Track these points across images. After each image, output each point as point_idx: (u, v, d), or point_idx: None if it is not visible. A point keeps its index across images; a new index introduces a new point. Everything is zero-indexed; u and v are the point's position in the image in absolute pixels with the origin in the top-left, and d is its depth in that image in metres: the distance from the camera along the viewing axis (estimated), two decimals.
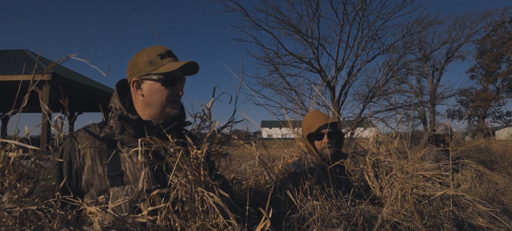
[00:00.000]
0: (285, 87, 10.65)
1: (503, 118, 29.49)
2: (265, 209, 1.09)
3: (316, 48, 10.29)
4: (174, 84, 1.45)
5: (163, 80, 1.41)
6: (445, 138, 4.31)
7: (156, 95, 1.43)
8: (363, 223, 1.69)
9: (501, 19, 28.83)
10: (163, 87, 1.42)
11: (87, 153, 1.35)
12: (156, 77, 1.41)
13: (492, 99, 28.05)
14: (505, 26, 29.12)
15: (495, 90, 29.21)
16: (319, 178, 1.93)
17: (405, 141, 2.70)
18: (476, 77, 30.81)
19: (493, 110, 29.37)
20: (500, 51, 28.32)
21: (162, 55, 1.43)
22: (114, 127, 1.41)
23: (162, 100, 1.44)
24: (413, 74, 16.97)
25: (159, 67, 1.41)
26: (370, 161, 2.30)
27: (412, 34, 10.84)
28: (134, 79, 1.44)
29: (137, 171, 1.33)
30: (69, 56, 0.92)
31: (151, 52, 1.44)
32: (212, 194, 1.14)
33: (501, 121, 29.43)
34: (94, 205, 0.94)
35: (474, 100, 28.21)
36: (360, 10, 9.38)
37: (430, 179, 2.20)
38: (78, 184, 1.32)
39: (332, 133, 2.27)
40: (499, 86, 29.25)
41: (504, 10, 28.61)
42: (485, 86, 29.21)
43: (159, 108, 1.45)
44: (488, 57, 28.96)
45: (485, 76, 29.60)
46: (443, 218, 1.98)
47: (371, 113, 10.12)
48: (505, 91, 28.99)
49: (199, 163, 1.20)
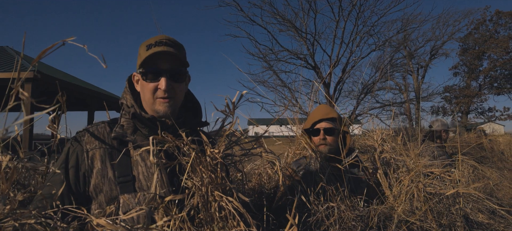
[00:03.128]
0: (279, 84, 10.60)
1: (485, 114, 30.13)
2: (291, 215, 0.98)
3: (311, 44, 10.28)
4: (156, 77, 1.25)
5: (143, 73, 1.25)
6: (441, 134, 4.29)
7: (143, 91, 1.29)
8: (378, 223, 1.61)
9: (482, 18, 29.52)
10: (144, 82, 1.26)
11: (97, 154, 1.20)
12: (138, 71, 1.27)
13: (474, 95, 28.64)
14: (486, 24, 29.83)
15: (478, 87, 29.80)
16: (329, 177, 1.84)
17: (405, 137, 2.65)
18: (459, 74, 31.43)
19: (476, 107, 30.00)
20: (481, 49, 28.93)
21: (149, 45, 1.24)
22: (126, 126, 1.27)
23: (148, 97, 1.27)
24: (400, 72, 17.18)
25: (142, 59, 1.24)
26: (378, 159, 2.22)
27: (406, 31, 10.92)
28: (134, 74, 1.33)
29: (152, 176, 1.19)
30: (66, 40, 0.78)
31: (144, 43, 1.28)
32: (231, 199, 1.01)
33: (483, 116, 30.08)
34: (102, 216, 0.81)
35: (457, 96, 28.73)
36: (356, 5, 9.39)
37: (439, 177, 2.15)
38: (85, 189, 1.17)
39: (331, 129, 2.16)
40: (481, 83, 29.87)
41: (485, 9, 29.28)
42: (468, 83, 29.80)
43: (149, 106, 1.29)
44: (471, 54, 29.57)
45: (468, 73, 30.21)
46: (455, 216, 1.92)
47: (366, 110, 10.16)
48: (487, 88, 29.63)
49: (216, 163, 1.08)
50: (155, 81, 1.25)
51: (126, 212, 1.08)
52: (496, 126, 26.17)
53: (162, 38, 1.27)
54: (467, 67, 30.41)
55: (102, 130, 1.27)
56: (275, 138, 2.21)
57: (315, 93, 3.74)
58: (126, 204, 1.12)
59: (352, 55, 10.41)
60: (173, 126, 1.26)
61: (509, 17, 28.69)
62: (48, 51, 0.75)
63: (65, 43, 0.77)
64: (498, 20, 29.34)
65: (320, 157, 2.12)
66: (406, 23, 10.96)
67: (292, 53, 10.58)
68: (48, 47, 0.75)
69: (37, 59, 0.73)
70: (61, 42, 0.77)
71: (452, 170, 2.21)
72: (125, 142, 1.25)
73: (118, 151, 1.22)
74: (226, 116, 1.28)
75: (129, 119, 1.28)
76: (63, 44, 0.76)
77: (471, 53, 29.61)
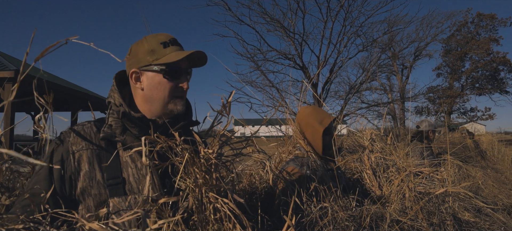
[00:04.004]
0: (267, 85, 10.59)
1: (467, 114, 30.81)
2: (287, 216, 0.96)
3: (300, 44, 10.31)
4: (178, 76, 1.25)
5: (166, 71, 1.21)
6: (429, 134, 4.34)
7: (157, 89, 1.23)
8: (371, 223, 1.61)
9: (464, 20, 30.23)
10: (165, 80, 1.22)
11: (84, 155, 1.14)
12: (158, 68, 1.21)
13: (457, 96, 29.25)
14: (468, 26, 30.55)
15: (460, 88, 30.44)
16: (323, 177, 1.83)
17: (393, 137, 2.66)
18: (442, 75, 32.07)
19: (458, 107, 30.65)
20: (464, 50, 29.60)
21: (165, 43, 1.23)
22: (114, 126, 1.21)
23: (164, 95, 1.24)
24: (385, 72, 17.41)
25: (161, 57, 1.21)
26: (368, 159, 2.23)
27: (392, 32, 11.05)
28: (132, 71, 1.25)
29: (142, 178, 1.15)
30: (69, 39, 0.74)
31: (153, 40, 1.24)
32: (226, 200, 0.99)
33: (466, 116, 30.75)
34: (94, 220, 0.77)
35: (440, 97, 29.28)
36: (344, 6, 9.46)
37: (428, 176, 2.17)
38: (72, 192, 1.11)
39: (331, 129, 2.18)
40: (464, 84, 30.54)
41: (467, 11, 29.99)
42: (451, 83, 30.42)
43: (161, 105, 1.25)
44: (453, 55, 30.25)
45: (451, 74, 30.86)
46: (444, 215, 1.94)
47: (354, 110, 10.24)
48: (469, 89, 30.31)
49: (210, 164, 1.05)
50: (176, 80, 1.25)
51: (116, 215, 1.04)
52: (478, 126, 26.73)
53: (171, 36, 1.27)
54: (450, 68, 31.09)
55: (89, 130, 1.22)
56: (266, 138, 2.19)
57: (303, 94, 3.76)
58: (116, 207, 1.07)
59: (339, 55, 10.50)
60: (163, 125, 1.23)
61: (489, 19, 29.44)
62: (50, 48, 0.71)
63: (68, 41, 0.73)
64: (479, 22, 30.09)
65: (318, 157, 2.13)
66: (392, 24, 11.10)
67: (280, 53, 10.60)
68: (52, 45, 0.71)
69: (40, 57, 0.70)
70: (63, 40, 0.73)
71: (442, 169, 2.23)
72: (114, 142, 1.21)
73: (106, 151, 1.18)
74: (221, 115, 1.25)
75: (118, 119, 1.23)
76: (66, 42, 0.73)
77: (453, 55, 30.29)
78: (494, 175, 5.16)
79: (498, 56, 28.77)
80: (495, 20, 29.37)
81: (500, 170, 6.44)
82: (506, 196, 3.96)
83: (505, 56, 28.58)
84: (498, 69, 29.49)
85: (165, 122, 1.22)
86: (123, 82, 1.34)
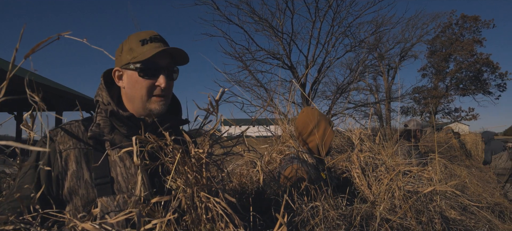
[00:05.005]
0: (255, 84, 10.58)
1: (451, 114, 31.34)
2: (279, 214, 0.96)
3: (288, 44, 10.33)
4: (155, 74, 1.21)
5: (140, 69, 1.19)
6: (416, 133, 4.40)
7: (135, 87, 1.21)
8: (361, 222, 1.62)
9: (449, 21, 30.72)
10: (141, 78, 1.20)
11: (71, 155, 1.12)
12: (133, 67, 1.19)
13: (441, 96, 29.70)
14: (452, 27, 31.06)
15: (445, 88, 30.94)
16: (315, 176, 1.85)
17: (381, 137, 2.69)
18: (427, 75, 32.52)
19: (443, 107, 31.14)
20: (448, 51, 30.10)
21: (144, 40, 1.20)
22: (102, 125, 1.20)
23: (141, 94, 1.21)
24: (371, 73, 17.58)
25: (137, 55, 1.19)
26: (357, 159, 2.25)
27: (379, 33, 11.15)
28: (115, 69, 1.25)
29: (131, 177, 1.13)
30: (61, 34, 0.72)
31: (134, 38, 1.22)
32: (218, 200, 0.98)
33: (450, 116, 31.27)
34: (87, 220, 0.75)
35: (426, 97, 29.69)
36: (332, 6, 9.51)
37: (415, 175, 2.19)
38: (59, 192, 1.09)
39: None
40: (448, 84, 31.05)
41: (451, 13, 30.47)
42: (436, 84, 30.88)
43: (140, 104, 1.22)
44: (438, 56, 30.71)
45: (436, 74, 31.33)
46: (433, 214, 1.96)
47: (341, 110, 10.30)
48: (453, 89, 30.83)
49: (201, 164, 1.04)
50: (152, 79, 1.21)
51: (103, 216, 1.03)
52: (462, 126, 27.22)
53: (154, 33, 1.24)
54: (435, 69, 31.55)
55: (76, 129, 1.20)
56: (255, 138, 2.19)
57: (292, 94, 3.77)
58: (104, 207, 1.06)
59: (327, 55, 10.57)
60: (153, 124, 1.22)
61: (473, 21, 29.99)
62: (42, 44, 0.69)
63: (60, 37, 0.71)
64: (463, 24, 30.61)
65: (310, 156, 2.14)
66: (379, 25, 11.21)
67: (268, 53, 10.62)
68: (43, 41, 0.69)
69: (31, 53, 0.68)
70: (55, 36, 0.71)
71: (429, 168, 2.26)
72: (102, 141, 1.19)
73: (95, 150, 1.16)
74: (209, 114, 1.25)
75: (106, 117, 1.21)
76: (58, 38, 0.71)
77: (438, 56, 30.76)
78: (478, 174, 5.26)
79: (481, 57, 29.37)
80: (479, 22, 29.95)
81: (484, 169, 6.57)
82: (490, 194, 4.05)
83: (488, 57, 29.19)
84: (482, 71, 30.08)
85: (155, 120, 1.21)
86: (112, 80, 1.32)
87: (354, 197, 1.85)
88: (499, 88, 30.27)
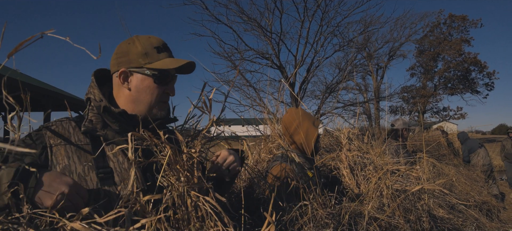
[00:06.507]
0: (244, 84, 10.57)
1: (440, 113, 31.65)
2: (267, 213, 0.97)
3: (277, 43, 10.34)
4: (167, 83, 1.28)
5: (157, 77, 1.24)
6: (403, 132, 4.44)
7: (145, 92, 1.25)
8: (349, 220, 1.64)
9: (437, 21, 30.97)
10: (155, 85, 1.25)
11: (62, 150, 1.11)
12: (150, 73, 1.23)
13: (430, 95, 29.96)
14: (440, 27, 31.34)
15: (433, 87, 31.23)
16: (301, 175, 1.86)
17: (370, 136, 2.72)
18: (416, 75, 32.80)
19: (431, 106, 31.43)
20: (436, 51, 30.36)
21: (158, 48, 1.25)
22: (95, 121, 1.21)
23: (151, 99, 1.26)
24: (360, 72, 17.69)
25: (154, 61, 1.23)
26: (346, 158, 2.27)
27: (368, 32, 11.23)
28: (122, 70, 1.24)
29: (124, 172, 1.14)
30: (45, 32, 0.72)
31: (147, 42, 1.25)
32: (208, 199, 0.99)
33: (438, 116, 31.58)
34: (76, 220, 0.75)
35: (414, 97, 29.92)
36: (320, 5, 9.55)
37: (403, 174, 2.22)
38: None
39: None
40: (436, 84, 31.36)
41: (439, 12, 30.77)
42: (424, 83, 31.16)
43: (146, 107, 1.27)
44: (426, 56, 30.96)
45: (424, 74, 31.61)
46: (420, 212, 1.99)
47: (331, 109, 10.35)
48: (442, 88, 31.14)
49: (192, 163, 1.05)
50: (164, 86, 1.28)
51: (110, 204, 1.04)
52: (450, 125, 27.53)
53: (163, 41, 1.30)
54: (423, 68, 31.82)
55: (67, 125, 1.20)
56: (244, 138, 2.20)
57: (281, 93, 3.78)
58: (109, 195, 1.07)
59: (316, 55, 10.63)
60: (143, 121, 1.25)
61: (461, 20, 30.31)
62: (25, 43, 0.69)
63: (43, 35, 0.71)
64: (451, 23, 30.91)
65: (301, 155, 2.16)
66: (368, 25, 11.29)
67: (257, 52, 10.63)
68: (26, 39, 0.69)
69: (14, 52, 0.68)
70: (39, 34, 0.71)
71: (417, 167, 2.29)
72: (95, 136, 1.20)
73: (87, 145, 1.16)
74: (202, 113, 1.26)
75: (98, 114, 1.22)
76: (42, 36, 0.71)
77: (426, 55, 31.00)
78: (466, 172, 5.32)
79: (469, 57, 29.70)
80: (467, 21, 30.26)
81: (471, 168, 6.67)
82: (477, 193, 4.11)
83: (476, 57, 29.53)
84: (470, 70, 30.42)
85: (148, 118, 1.24)
86: (102, 80, 1.34)
87: (342, 196, 1.87)
88: (487, 87, 30.67)
